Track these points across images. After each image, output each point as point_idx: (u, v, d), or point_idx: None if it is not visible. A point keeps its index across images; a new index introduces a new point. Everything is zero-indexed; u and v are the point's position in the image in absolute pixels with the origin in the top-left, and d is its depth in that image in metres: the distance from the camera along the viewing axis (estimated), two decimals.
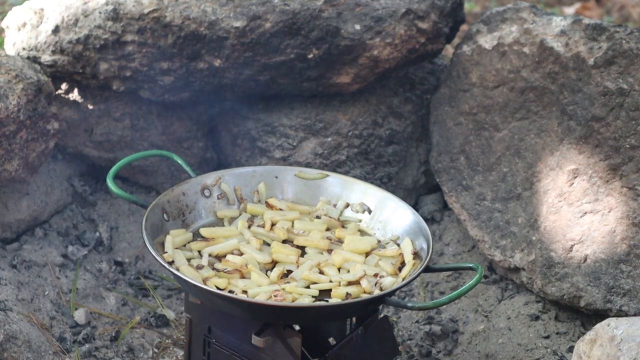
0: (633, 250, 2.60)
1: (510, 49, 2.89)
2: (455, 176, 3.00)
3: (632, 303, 2.58)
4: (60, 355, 2.63)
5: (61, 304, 2.79)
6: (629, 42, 2.70)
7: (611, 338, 2.28)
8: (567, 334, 2.70)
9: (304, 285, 2.34)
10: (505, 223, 2.85)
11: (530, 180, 2.82)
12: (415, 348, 2.76)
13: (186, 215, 2.53)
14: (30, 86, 2.76)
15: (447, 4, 3.01)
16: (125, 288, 2.93)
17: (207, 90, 2.97)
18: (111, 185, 2.52)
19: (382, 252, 2.46)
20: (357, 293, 2.32)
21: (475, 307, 2.86)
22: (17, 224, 2.90)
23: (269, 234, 2.50)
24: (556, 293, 2.69)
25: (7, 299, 2.65)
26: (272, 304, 2.22)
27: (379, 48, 2.92)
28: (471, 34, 3.02)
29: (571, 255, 2.68)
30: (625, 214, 2.63)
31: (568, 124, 2.76)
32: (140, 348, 2.74)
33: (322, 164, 3.01)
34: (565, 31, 2.82)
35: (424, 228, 2.46)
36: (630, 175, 2.64)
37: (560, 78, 2.80)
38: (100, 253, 3.00)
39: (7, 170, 2.76)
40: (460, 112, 3.00)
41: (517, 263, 2.79)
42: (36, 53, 3.00)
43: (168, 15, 2.87)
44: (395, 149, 3.10)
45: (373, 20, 2.91)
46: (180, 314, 2.84)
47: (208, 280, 2.30)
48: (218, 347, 2.43)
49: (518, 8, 2.97)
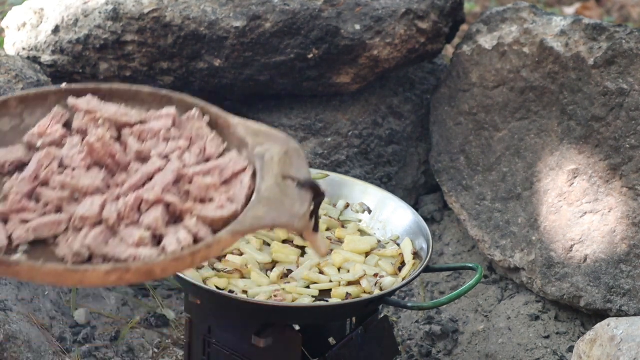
0: (633, 250, 2.60)
1: (510, 49, 2.89)
2: (455, 176, 3.00)
3: (632, 303, 2.58)
4: (60, 355, 2.63)
5: (61, 304, 2.79)
6: (629, 42, 2.70)
7: (611, 338, 2.28)
8: (567, 334, 2.70)
9: (304, 285, 2.34)
10: (505, 223, 2.85)
11: (530, 180, 2.82)
12: (415, 348, 2.76)
13: None
14: (30, 86, 2.75)
15: (447, 4, 3.01)
16: (125, 288, 2.93)
17: (207, 90, 2.97)
18: None
19: (382, 252, 2.46)
20: (357, 293, 2.32)
21: (475, 307, 2.86)
22: None
23: (269, 234, 2.50)
24: (556, 293, 2.69)
25: (7, 299, 2.65)
26: (272, 304, 2.22)
27: (379, 48, 2.92)
28: (471, 34, 3.02)
29: (571, 255, 2.68)
30: (625, 214, 2.63)
31: (568, 124, 2.76)
32: (140, 348, 2.74)
33: (322, 164, 3.01)
34: (565, 31, 2.82)
35: (424, 228, 2.46)
36: (630, 175, 2.64)
37: (560, 78, 2.80)
38: None
39: None
40: (460, 112, 3.00)
41: (517, 263, 2.79)
42: (36, 53, 3.00)
43: (168, 15, 2.88)
44: (395, 149, 3.10)
45: (373, 20, 2.91)
46: (180, 314, 2.84)
47: (208, 280, 2.30)
48: (218, 347, 2.43)
49: (518, 8, 2.97)
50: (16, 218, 1.82)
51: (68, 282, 1.74)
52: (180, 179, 1.90)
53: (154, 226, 1.82)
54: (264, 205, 1.87)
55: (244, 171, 1.95)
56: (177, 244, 1.80)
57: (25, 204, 1.84)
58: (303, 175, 1.95)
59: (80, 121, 1.95)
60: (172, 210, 1.86)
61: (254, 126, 2.00)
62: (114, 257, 1.78)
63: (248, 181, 1.93)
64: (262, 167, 1.94)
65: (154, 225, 1.82)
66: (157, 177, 1.90)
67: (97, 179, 1.88)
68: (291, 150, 1.99)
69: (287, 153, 1.98)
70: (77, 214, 1.82)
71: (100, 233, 1.80)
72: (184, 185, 1.90)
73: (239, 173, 1.94)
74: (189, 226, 1.84)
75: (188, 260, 1.77)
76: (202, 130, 1.98)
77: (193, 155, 1.95)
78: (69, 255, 1.79)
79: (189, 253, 1.78)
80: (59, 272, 1.73)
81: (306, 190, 1.93)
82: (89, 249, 1.79)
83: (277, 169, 1.94)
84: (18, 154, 1.91)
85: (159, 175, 1.90)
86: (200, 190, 1.89)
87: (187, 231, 1.82)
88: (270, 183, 1.91)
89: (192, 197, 1.89)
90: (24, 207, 1.84)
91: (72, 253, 1.78)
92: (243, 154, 1.97)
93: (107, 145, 1.89)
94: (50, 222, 1.82)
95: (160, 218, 1.83)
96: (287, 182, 1.92)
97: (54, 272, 1.73)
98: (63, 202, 1.85)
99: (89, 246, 1.78)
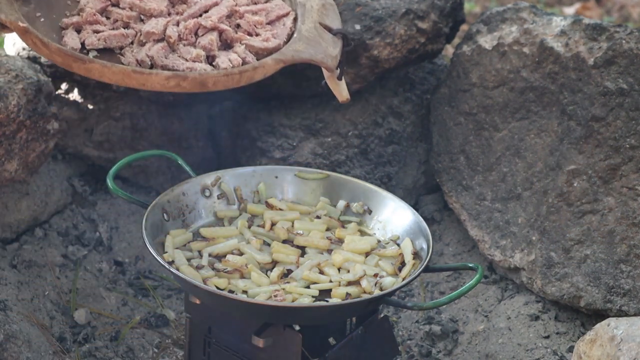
0: (633, 250, 2.60)
1: (510, 49, 2.89)
2: (455, 176, 3.00)
3: (632, 303, 2.58)
4: (60, 355, 2.63)
5: (61, 304, 2.79)
6: (629, 42, 2.70)
7: (611, 338, 2.28)
8: (567, 334, 2.70)
9: (304, 285, 2.34)
10: (505, 223, 2.85)
11: (530, 180, 2.82)
12: (415, 348, 2.76)
13: (186, 215, 2.53)
14: (30, 86, 2.75)
15: (447, 4, 3.01)
16: (125, 288, 2.93)
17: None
18: (111, 185, 2.52)
19: (382, 252, 2.46)
20: (357, 293, 2.32)
21: (475, 307, 2.86)
22: (17, 224, 2.90)
23: (269, 234, 2.50)
24: (556, 293, 2.69)
25: (7, 299, 2.65)
26: (272, 304, 2.22)
27: (378, 48, 2.92)
28: (471, 34, 3.02)
29: (571, 255, 2.68)
30: (625, 214, 2.63)
31: (568, 124, 2.76)
32: (140, 348, 2.74)
33: (322, 164, 3.01)
34: (565, 31, 2.82)
35: (424, 228, 2.46)
36: (630, 175, 2.64)
37: (560, 78, 2.80)
38: (100, 253, 3.00)
39: (7, 171, 2.76)
40: (460, 112, 3.00)
41: (517, 263, 2.80)
42: (36, 53, 3.00)
43: None
44: (395, 149, 3.10)
45: (373, 20, 2.91)
46: (180, 314, 2.84)
47: (208, 280, 2.31)
48: (218, 347, 2.43)
49: (518, 8, 2.97)
50: (89, 29, 2.15)
51: (133, 82, 2.03)
52: (232, 14, 2.26)
53: (208, 47, 2.15)
54: (304, 42, 2.26)
55: (287, 15, 2.33)
56: (228, 62, 2.14)
57: (98, 18, 2.17)
58: (336, 25, 2.36)
59: None
60: (224, 37, 2.20)
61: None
62: (172, 67, 2.10)
63: (290, 23, 2.31)
64: (303, 13, 2.33)
65: (209, 46, 2.15)
66: (213, 9, 2.24)
67: (162, 4, 2.22)
68: (327, 3, 2.38)
69: (324, 5, 2.37)
70: (144, 29, 2.14)
71: (162, 47, 2.12)
72: (235, 19, 2.26)
73: (282, 16, 2.32)
74: (238, 52, 2.19)
75: (236, 78, 2.11)
76: None
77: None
78: (133, 62, 2.11)
79: (238, 71, 2.11)
80: (127, 72, 2.04)
81: (338, 38, 2.34)
82: (151, 59, 2.10)
83: (316, 16, 2.32)
84: None
85: (215, 8, 2.25)
86: (249, 25, 2.25)
87: (237, 55, 2.17)
88: (309, 26, 2.30)
89: (242, 30, 2.25)
90: (96, 20, 2.16)
91: (137, 60, 2.10)
92: (286, 1, 2.37)
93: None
94: (118, 34, 2.14)
95: (215, 40, 2.16)
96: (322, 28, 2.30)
97: (122, 71, 2.04)
98: (130, 20, 2.18)
99: (152, 57, 2.10)
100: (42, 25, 2.14)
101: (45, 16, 2.16)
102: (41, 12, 2.15)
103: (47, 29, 2.14)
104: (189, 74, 2.06)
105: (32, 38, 2.07)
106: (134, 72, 2.04)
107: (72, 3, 2.22)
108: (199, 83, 2.07)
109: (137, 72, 2.04)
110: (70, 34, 2.14)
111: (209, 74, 2.07)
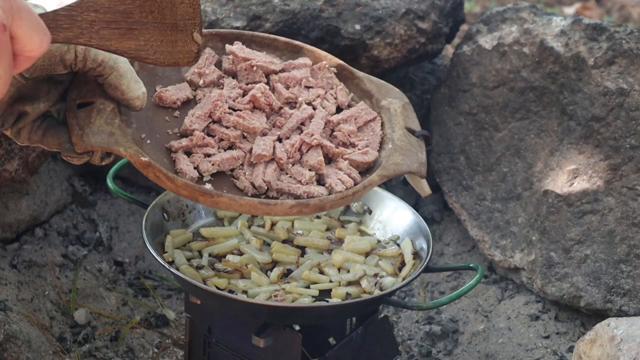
0: (633, 250, 2.60)
1: (510, 49, 2.89)
2: (455, 176, 3.00)
3: (632, 303, 2.58)
4: (60, 355, 2.63)
5: (61, 304, 2.79)
6: (629, 42, 2.70)
7: (611, 338, 2.28)
8: (567, 334, 2.70)
9: (304, 285, 2.34)
10: (505, 223, 2.85)
11: (530, 180, 2.82)
12: (415, 348, 2.76)
13: (186, 215, 2.53)
14: None
15: (447, 4, 3.01)
16: (125, 288, 2.93)
17: None
18: (111, 185, 2.52)
19: (382, 252, 2.46)
20: (357, 293, 2.32)
21: (475, 307, 2.86)
22: (17, 224, 2.90)
23: (269, 234, 2.50)
24: (556, 293, 2.69)
25: (7, 299, 2.65)
26: (272, 304, 2.22)
27: (379, 48, 2.92)
28: (471, 34, 3.02)
29: (571, 255, 2.68)
30: (625, 214, 2.63)
31: (568, 124, 2.76)
32: (140, 348, 2.74)
33: None
34: (565, 31, 2.82)
35: (424, 228, 2.46)
36: (630, 175, 2.64)
37: (560, 78, 2.80)
38: (100, 253, 3.00)
39: (7, 170, 2.76)
40: (460, 112, 3.00)
41: (517, 263, 2.80)
42: None
43: None
44: None
45: (373, 20, 2.91)
46: (180, 314, 2.84)
47: (208, 280, 2.30)
48: (218, 347, 2.43)
49: (518, 8, 2.97)
50: (199, 152, 2.10)
51: (258, 212, 2.05)
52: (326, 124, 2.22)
53: (316, 167, 2.12)
54: (400, 153, 2.20)
55: (374, 120, 2.27)
56: (341, 184, 2.12)
57: (207, 140, 2.11)
58: (416, 126, 2.29)
59: (229, 64, 2.25)
60: (324, 152, 2.16)
61: (376, 80, 2.34)
62: (289, 191, 2.09)
63: (379, 130, 2.25)
64: (390, 119, 2.26)
65: (317, 167, 2.12)
66: (312, 123, 2.20)
67: (262, 121, 2.17)
68: (406, 104, 2.33)
69: (404, 106, 2.31)
70: (255, 152, 2.11)
71: (274, 170, 2.10)
72: (329, 128, 2.22)
73: (369, 121, 2.26)
74: (343, 168, 2.16)
75: (350, 198, 2.11)
76: (332, 79, 2.30)
77: (331, 104, 2.26)
78: (249, 186, 2.08)
79: (352, 192, 2.11)
80: (253, 204, 2.03)
81: (421, 140, 2.27)
82: (268, 184, 2.08)
83: (401, 120, 2.27)
84: (186, 93, 2.18)
85: (313, 122, 2.20)
86: (344, 136, 2.20)
87: (344, 173, 2.15)
88: (399, 133, 2.24)
89: (337, 141, 2.21)
90: (206, 143, 2.11)
91: (254, 186, 2.08)
92: (366, 101, 2.31)
93: (267, 96, 2.18)
94: (230, 158, 2.10)
95: (322, 160, 2.13)
96: (408, 133, 2.26)
97: (249, 203, 2.03)
98: (237, 139, 2.13)
99: (269, 182, 2.08)
100: (149, 149, 2.06)
101: (149, 137, 2.08)
102: (145, 133, 2.07)
103: (155, 152, 2.06)
104: (310, 201, 2.07)
105: (154, 172, 2.01)
106: (260, 204, 2.03)
107: (170, 120, 2.14)
108: (319, 208, 2.09)
109: (264, 203, 2.04)
110: (183, 160, 2.07)
111: (327, 199, 2.08)
